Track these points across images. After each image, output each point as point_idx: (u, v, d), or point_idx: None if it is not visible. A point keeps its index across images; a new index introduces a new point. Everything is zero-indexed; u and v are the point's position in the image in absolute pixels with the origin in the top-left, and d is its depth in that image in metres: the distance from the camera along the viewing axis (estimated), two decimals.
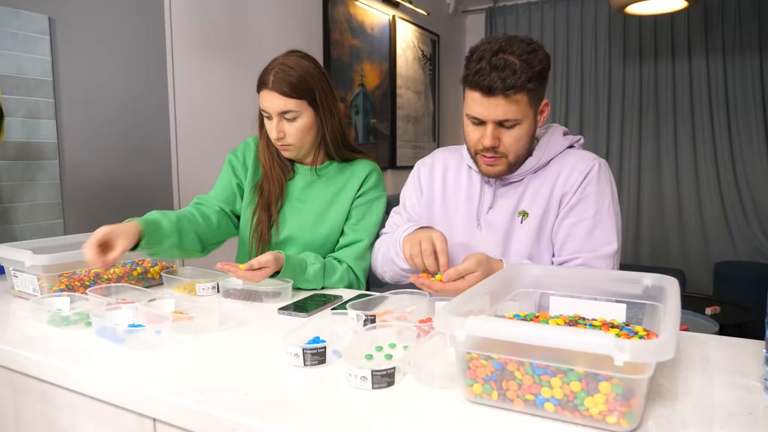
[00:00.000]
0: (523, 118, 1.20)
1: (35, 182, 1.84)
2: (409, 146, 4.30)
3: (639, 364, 0.62)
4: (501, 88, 1.14)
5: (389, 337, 0.95)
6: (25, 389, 1.02)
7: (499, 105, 1.16)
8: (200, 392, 0.79)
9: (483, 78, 1.15)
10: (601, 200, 1.26)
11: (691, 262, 4.36)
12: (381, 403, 0.76)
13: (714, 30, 4.21)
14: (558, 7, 4.69)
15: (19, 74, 1.79)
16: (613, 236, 1.25)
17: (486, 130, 1.21)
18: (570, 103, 4.71)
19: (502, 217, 1.32)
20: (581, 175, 1.26)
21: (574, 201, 1.26)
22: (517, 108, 1.17)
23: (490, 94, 1.16)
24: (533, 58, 1.16)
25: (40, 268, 1.25)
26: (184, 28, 2.38)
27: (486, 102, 1.17)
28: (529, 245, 1.29)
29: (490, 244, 1.32)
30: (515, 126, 1.20)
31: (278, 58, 1.43)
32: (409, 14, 4.16)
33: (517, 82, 1.14)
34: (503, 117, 1.18)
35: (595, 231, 1.25)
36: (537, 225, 1.28)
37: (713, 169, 4.28)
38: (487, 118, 1.19)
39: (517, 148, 1.24)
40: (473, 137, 1.25)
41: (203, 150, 2.48)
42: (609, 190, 1.28)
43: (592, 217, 1.25)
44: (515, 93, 1.15)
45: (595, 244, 1.24)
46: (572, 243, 1.26)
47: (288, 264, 1.34)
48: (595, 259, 1.24)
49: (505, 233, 1.31)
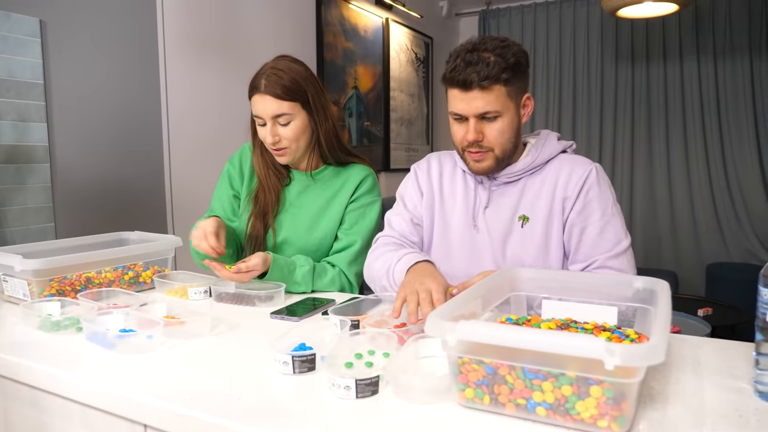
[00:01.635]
0: (504, 110, 1.22)
1: (26, 185, 1.83)
2: (403, 149, 4.30)
3: (630, 368, 0.62)
4: (476, 80, 1.18)
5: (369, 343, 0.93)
6: (15, 395, 1.01)
7: (477, 98, 1.20)
8: (191, 398, 0.78)
9: (459, 74, 1.19)
10: (605, 202, 1.28)
11: (683, 264, 4.38)
12: (372, 409, 0.75)
13: (705, 33, 4.24)
14: (551, 9, 4.72)
15: (10, 77, 1.78)
16: (622, 233, 1.28)
17: (469, 125, 1.24)
18: (563, 105, 4.73)
19: (498, 218, 1.32)
20: (581, 179, 1.28)
21: (579, 207, 1.27)
22: (496, 99, 1.20)
23: (466, 88, 1.20)
24: (506, 52, 1.20)
25: (31, 273, 1.24)
26: (177, 31, 2.37)
27: (464, 97, 1.21)
28: (533, 251, 1.29)
29: (487, 245, 1.32)
30: (497, 118, 1.23)
31: (269, 63, 1.43)
32: (403, 17, 4.17)
33: (490, 73, 1.18)
34: (483, 109, 1.21)
35: (604, 233, 1.27)
36: (542, 231, 1.29)
37: (705, 171, 4.31)
38: (467, 113, 1.22)
39: (501, 141, 1.26)
40: (458, 134, 1.28)
41: (196, 153, 2.47)
42: (609, 191, 1.31)
43: (599, 219, 1.27)
44: (491, 84, 1.19)
45: (607, 245, 1.26)
46: (585, 248, 1.28)
47: (275, 265, 1.34)
48: (610, 259, 1.26)
49: (503, 235, 1.31)
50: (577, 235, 1.28)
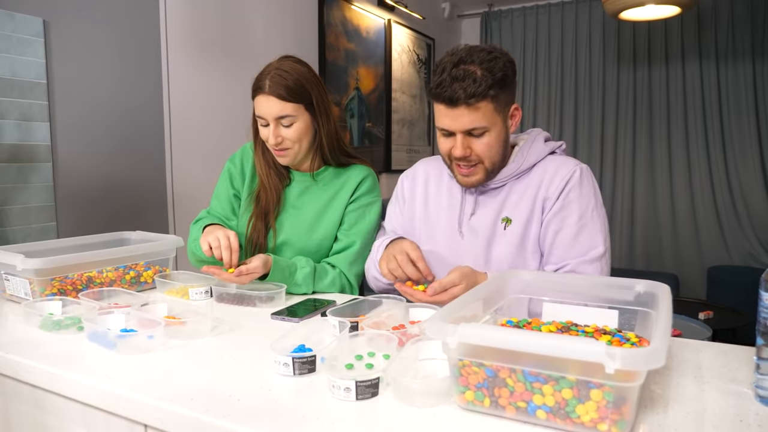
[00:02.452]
0: (491, 125, 1.21)
1: (28, 185, 1.83)
2: (404, 150, 4.30)
3: (630, 372, 0.62)
4: (463, 97, 1.16)
5: (369, 345, 0.94)
6: (15, 394, 1.01)
7: (463, 115, 1.18)
8: (192, 398, 0.79)
9: (445, 90, 1.17)
10: (585, 205, 1.26)
11: (684, 267, 4.37)
12: (372, 411, 0.75)
13: (707, 36, 4.24)
14: (553, 12, 4.72)
15: (13, 76, 1.78)
16: (599, 239, 1.25)
17: (456, 140, 1.23)
18: (564, 107, 4.73)
19: (484, 223, 1.32)
20: (563, 180, 1.27)
21: (557, 207, 1.26)
22: (483, 116, 1.18)
23: (453, 104, 1.18)
24: (494, 66, 1.17)
25: (32, 272, 1.25)
26: (180, 32, 2.38)
27: (451, 113, 1.19)
28: (512, 252, 1.29)
29: (472, 250, 1.32)
30: (484, 134, 1.22)
31: (273, 63, 1.42)
32: (405, 18, 4.17)
33: (477, 90, 1.15)
34: (469, 126, 1.19)
35: (580, 236, 1.25)
36: (521, 232, 1.29)
37: (707, 175, 4.31)
38: (454, 129, 1.21)
39: (490, 155, 1.25)
40: (445, 147, 1.27)
41: (197, 153, 2.47)
42: (592, 194, 1.28)
43: (576, 222, 1.25)
44: (477, 101, 1.16)
45: (581, 249, 1.25)
46: (558, 250, 1.26)
47: (276, 267, 1.34)
48: (582, 264, 1.24)
49: (487, 239, 1.31)
50: (551, 236, 1.27)
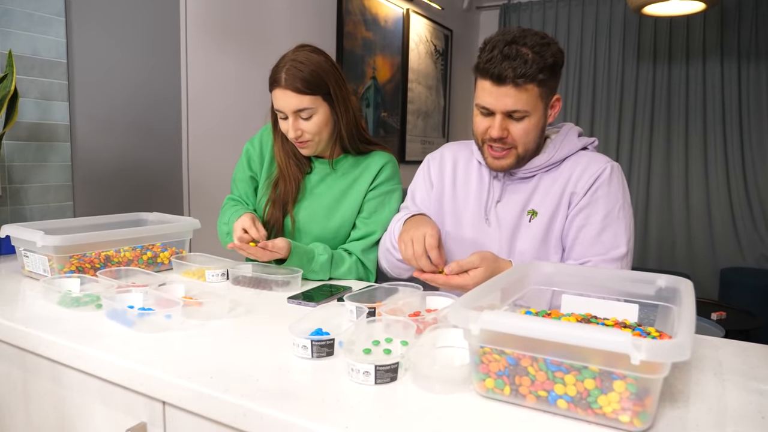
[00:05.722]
0: (533, 110, 1.19)
1: (47, 164, 1.84)
2: (419, 141, 4.29)
3: (655, 364, 0.62)
4: (512, 76, 1.14)
5: (386, 331, 0.94)
6: (34, 368, 1.03)
7: (508, 95, 1.16)
8: (211, 377, 0.79)
9: (494, 66, 1.15)
10: (612, 203, 1.24)
11: (697, 267, 4.33)
12: (391, 395, 0.75)
13: (730, 34, 4.17)
14: (573, 5, 4.66)
15: (34, 55, 1.79)
16: (623, 240, 1.24)
17: (494, 120, 1.20)
18: (582, 103, 4.68)
19: (509, 213, 1.31)
20: (592, 177, 1.25)
21: (583, 203, 1.25)
22: (527, 99, 1.16)
23: (500, 82, 1.15)
24: (546, 51, 1.16)
25: (52, 249, 1.26)
26: (199, 15, 2.37)
27: (496, 91, 1.17)
28: (536, 245, 1.28)
29: (496, 239, 1.31)
30: (524, 118, 1.19)
31: (288, 54, 1.39)
32: (423, 8, 4.14)
33: (527, 71, 1.13)
34: (512, 107, 1.17)
35: (603, 234, 1.24)
36: (546, 225, 1.27)
37: (723, 175, 4.25)
38: (496, 108, 1.19)
39: (526, 141, 1.23)
40: (481, 127, 1.24)
41: (213, 135, 2.48)
42: (620, 193, 1.26)
43: (601, 220, 1.24)
44: (525, 83, 1.14)
45: (603, 247, 1.23)
46: (580, 247, 1.25)
47: (294, 253, 1.34)
48: (602, 263, 1.23)
49: (511, 230, 1.30)
50: (574, 232, 1.25)
